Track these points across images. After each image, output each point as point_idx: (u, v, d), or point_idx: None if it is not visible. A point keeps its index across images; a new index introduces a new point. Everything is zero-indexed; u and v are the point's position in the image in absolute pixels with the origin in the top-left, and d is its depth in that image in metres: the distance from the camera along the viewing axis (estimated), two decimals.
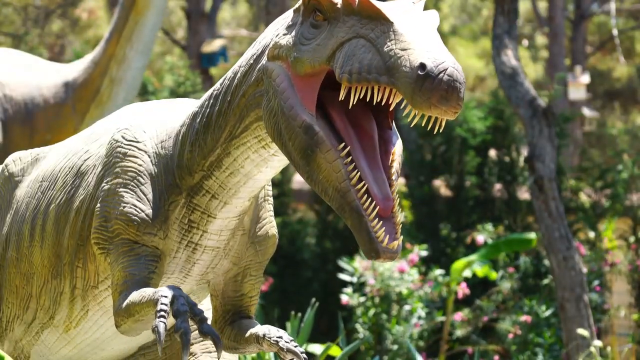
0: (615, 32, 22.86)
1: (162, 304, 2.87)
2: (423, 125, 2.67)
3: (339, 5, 2.78)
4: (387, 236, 2.73)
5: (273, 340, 3.09)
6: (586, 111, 23.11)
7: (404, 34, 2.64)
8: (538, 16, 25.87)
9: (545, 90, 16.42)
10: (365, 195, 2.74)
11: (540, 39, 29.41)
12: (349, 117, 2.82)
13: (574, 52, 23.37)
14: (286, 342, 3.08)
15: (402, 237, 2.79)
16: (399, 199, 2.83)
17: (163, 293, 2.90)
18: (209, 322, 3.45)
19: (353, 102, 2.71)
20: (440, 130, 2.67)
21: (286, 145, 2.83)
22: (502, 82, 8.97)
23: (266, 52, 2.94)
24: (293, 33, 2.88)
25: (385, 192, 2.78)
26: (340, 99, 2.75)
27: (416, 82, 2.56)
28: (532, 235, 10.28)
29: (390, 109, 2.76)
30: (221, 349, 2.90)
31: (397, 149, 2.86)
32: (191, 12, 19.88)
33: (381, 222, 2.74)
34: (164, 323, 2.84)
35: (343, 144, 2.77)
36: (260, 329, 3.16)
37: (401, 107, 2.67)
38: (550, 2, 22.81)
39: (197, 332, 3.61)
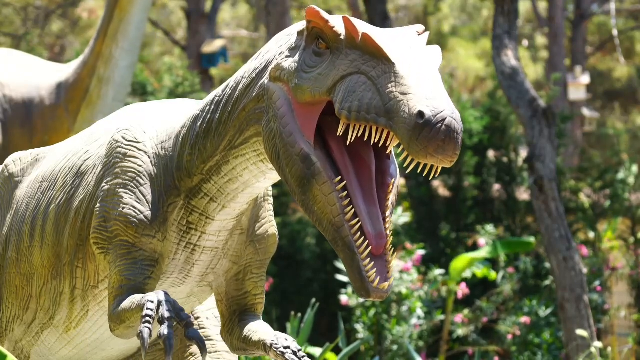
0: (615, 32, 22.86)
1: (147, 309, 2.88)
2: (419, 172, 2.66)
3: (342, 37, 2.76)
4: (378, 277, 2.73)
5: (279, 352, 3.07)
6: (586, 111, 23.11)
7: (405, 76, 2.62)
8: (538, 16, 25.87)
9: (545, 90, 16.43)
10: (359, 233, 2.74)
11: (540, 40, 29.41)
12: (347, 146, 2.80)
13: (574, 53, 23.37)
14: (292, 353, 3.06)
15: (393, 277, 2.78)
16: (392, 235, 2.82)
17: (149, 298, 2.91)
18: (196, 327, 3.46)
19: (351, 140, 2.70)
20: (436, 176, 2.67)
21: (283, 170, 2.83)
22: (502, 82, 8.97)
23: (269, 69, 2.93)
24: (296, 57, 2.86)
25: (379, 229, 2.77)
26: (338, 134, 2.73)
27: (414, 129, 2.55)
28: (532, 239, 10.29)
29: (388, 151, 2.74)
30: (206, 354, 2.90)
31: (394, 180, 2.86)
32: (191, 12, 19.88)
33: (373, 261, 2.74)
34: (149, 329, 2.85)
35: (340, 177, 2.76)
36: (268, 336, 3.14)
37: (398, 151, 2.66)
38: (550, 3, 22.81)
39: None
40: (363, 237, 2.74)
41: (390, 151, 2.87)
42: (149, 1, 7.60)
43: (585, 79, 21.96)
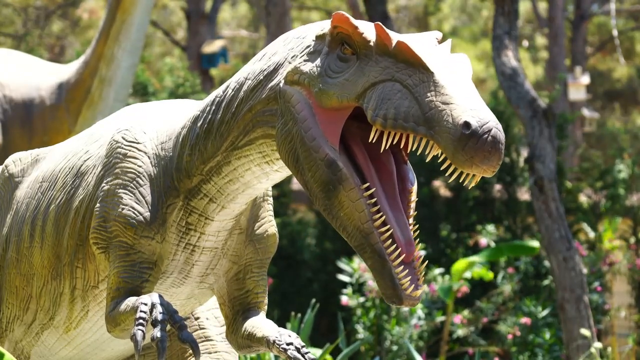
0: (615, 32, 22.86)
1: (141, 311, 2.89)
2: (460, 180, 2.66)
3: (371, 43, 2.75)
4: (412, 285, 2.73)
5: (282, 348, 3.06)
6: (586, 112, 23.12)
7: (445, 85, 2.62)
8: (538, 17, 25.88)
9: (546, 91, 16.42)
10: (390, 240, 2.73)
11: (540, 40, 29.42)
12: (367, 149, 2.80)
13: (574, 53, 23.37)
14: (295, 350, 3.05)
15: (424, 284, 2.78)
16: (418, 242, 2.82)
17: (143, 301, 2.91)
18: (190, 329, 3.46)
19: (385, 147, 2.70)
20: (474, 184, 2.68)
21: (303, 174, 2.81)
22: (502, 82, 8.97)
23: (281, 72, 2.91)
24: (318, 62, 2.83)
25: (408, 237, 2.77)
26: (370, 141, 2.73)
27: (460, 140, 2.55)
28: (536, 243, 10.29)
29: (427, 159, 2.73)
30: (199, 356, 2.91)
31: (414, 186, 2.86)
32: (191, 12, 19.89)
33: (407, 269, 2.73)
34: (142, 331, 2.85)
35: (368, 184, 2.75)
36: (272, 333, 3.13)
37: (439, 161, 2.66)
38: (550, 3, 22.81)
39: (195, 334, 3.61)
40: (395, 245, 2.73)
41: (407, 156, 2.87)
42: (151, 3, 7.61)
43: (585, 79, 21.97)
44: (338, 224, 2.77)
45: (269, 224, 3.31)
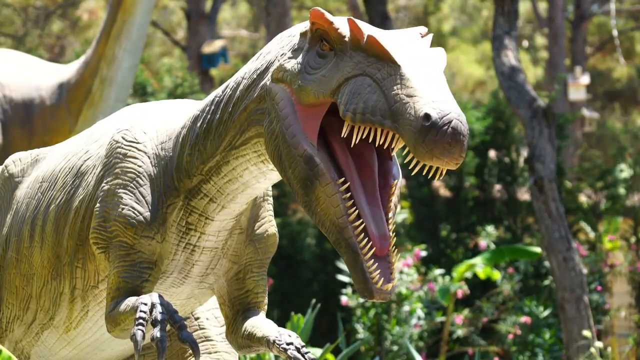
0: (615, 32, 22.87)
1: (141, 311, 2.89)
2: (424, 173, 2.66)
3: (346, 39, 2.76)
4: (382, 278, 2.73)
5: (282, 348, 3.06)
6: (586, 112, 23.11)
7: (411, 78, 2.62)
8: (538, 17, 25.88)
9: (546, 91, 16.41)
10: (363, 234, 2.74)
11: (540, 40, 29.42)
12: (349, 145, 2.80)
13: (574, 53, 23.37)
14: (295, 350, 3.05)
15: (396, 278, 2.78)
16: (395, 236, 2.82)
17: (143, 301, 2.92)
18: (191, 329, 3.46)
19: (355, 141, 2.71)
20: (440, 178, 2.67)
21: (285, 171, 2.83)
22: (502, 82, 8.98)
23: (270, 70, 2.93)
24: (299, 59, 2.86)
25: (383, 231, 2.77)
26: (342, 136, 2.74)
27: (420, 132, 2.55)
28: (538, 249, 10.30)
29: (392, 153, 2.74)
30: (199, 356, 2.91)
31: (397, 181, 2.86)
32: (191, 12, 19.88)
33: (377, 263, 2.73)
34: (142, 331, 2.86)
35: (343, 178, 2.76)
36: (272, 333, 3.13)
37: (403, 154, 2.67)
38: (550, 3, 22.81)
39: (195, 334, 3.61)
40: (367, 239, 2.74)
41: (393, 152, 2.87)
42: (152, 3, 7.62)
43: (585, 79, 21.96)
44: (317, 220, 2.79)
45: (269, 224, 3.31)
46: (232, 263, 3.28)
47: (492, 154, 12.59)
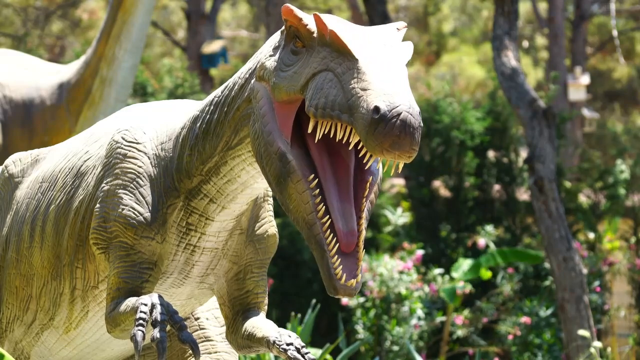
0: (615, 33, 22.86)
1: (141, 311, 2.89)
2: (378, 168, 2.66)
3: (315, 35, 2.77)
4: (345, 274, 2.72)
5: (282, 348, 3.06)
6: (586, 112, 23.11)
7: (367, 72, 2.62)
8: (538, 17, 25.87)
9: (545, 91, 16.41)
10: (329, 230, 2.74)
11: (540, 40, 29.41)
12: (327, 143, 2.79)
13: (574, 53, 23.36)
14: (295, 350, 3.05)
15: (361, 274, 2.77)
16: (365, 233, 2.81)
17: (143, 301, 2.92)
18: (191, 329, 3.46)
19: (318, 137, 2.71)
20: (399, 172, 2.66)
21: (264, 169, 2.85)
22: (502, 83, 8.97)
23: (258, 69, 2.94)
24: (276, 57, 2.88)
25: (351, 227, 2.77)
26: (308, 132, 2.74)
27: (370, 125, 2.55)
28: (541, 253, 10.32)
29: (350, 147, 2.71)
30: (199, 357, 2.91)
31: (374, 177, 2.84)
32: (191, 12, 19.88)
33: (340, 258, 2.73)
34: (142, 332, 2.86)
35: (313, 175, 2.76)
36: (272, 333, 3.13)
37: (358, 148, 2.66)
38: (550, 3, 22.81)
39: (195, 334, 3.61)
40: (332, 235, 2.74)
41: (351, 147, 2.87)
42: (152, 3, 7.62)
43: (585, 79, 21.96)
44: (292, 217, 2.80)
45: (269, 224, 3.31)
46: (232, 263, 3.28)
47: (491, 154, 12.59)
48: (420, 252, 10.10)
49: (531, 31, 29.30)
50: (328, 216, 2.75)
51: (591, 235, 11.70)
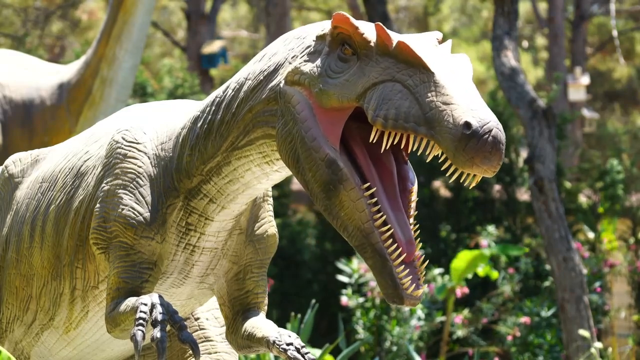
0: (615, 33, 22.87)
1: (141, 311, 2.89)
2: (461, 181, 2.67)
3: (372, 44, 2.76)
4: (413, 284, 2.73)
5: (282, 349, 3.06)
6: (586, 112, 23.11)
7: (446, 86, 2.63)
8: (538, 17, 25.89)
9: (546, 91, 16.41)
10: (391, 240, 2.73)
11: (540, 40, 29.42)
12: (368, 149, 2.81)
13: (574, 53, 23.37)
14: (295, 350, 3.04)
15: (425, 284, 2.78)
16: (419, 242, 2.82)
17: (143, 301, 2.92)
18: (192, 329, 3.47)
19: (386, 147, 2.70)
20: (475, 185, 2.68)
21: (303, 174, 2.82)
22: (501, 83, 8.97)
23: (281, 72, 2.91)
24: (318, 62, 2.84)
25: (409, 236, 2.78)
26: (370, 141, 2.73)
27: (460, 140, 2.56)
28: (525, 248, 10.35)
29: (428, 159, 2.74)
30: (199, 357, 2.91)
31: (414, 186, 2.87)
32: (191, 13, 19.88)
33: (407, 269, 2.74)
34: (142, 332, 2.86)
35: (368, 184, 2.76)
36: (272, 333, 3.13)
37: (439, 162, 2.67)
38: (550, 3, 22.82)
39: (195, 334, 3.61)
40: (395, 244, 2.74)
41: (407, 155, 2.88)
42: (152, 3, 7.62)
43: (585, 79, 21.96)
44: (339, 224, 2.78)
45: (269, 225, 3.31)
46: (232, 263, 3.28)
47: None
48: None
49: (531, 31, 29.31)
50: (388, 225, 2.74)
51: (591, 235, 11.70)
